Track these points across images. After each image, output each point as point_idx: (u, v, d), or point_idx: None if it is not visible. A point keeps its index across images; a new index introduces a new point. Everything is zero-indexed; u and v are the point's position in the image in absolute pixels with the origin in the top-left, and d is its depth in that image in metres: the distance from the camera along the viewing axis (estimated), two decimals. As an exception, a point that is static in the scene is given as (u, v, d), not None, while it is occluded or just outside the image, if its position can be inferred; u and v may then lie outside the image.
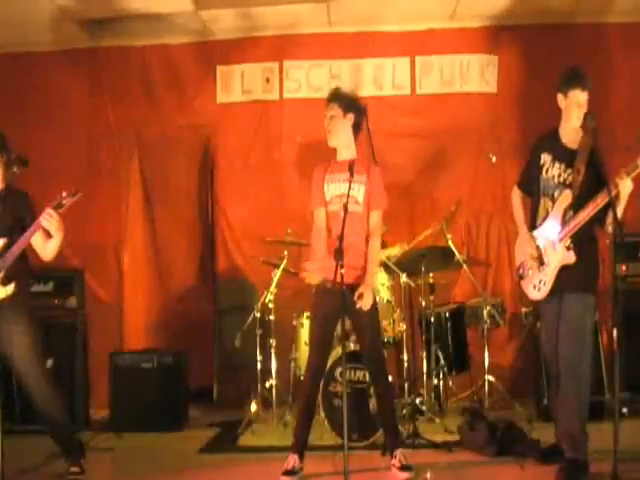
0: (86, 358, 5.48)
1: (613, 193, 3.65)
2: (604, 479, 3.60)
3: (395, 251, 5.28)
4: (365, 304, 4.01)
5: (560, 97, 3.92)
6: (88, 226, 6.16)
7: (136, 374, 5.33)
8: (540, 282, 3.99)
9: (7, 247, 3.92)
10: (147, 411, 5.24)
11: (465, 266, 5.34)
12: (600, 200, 3.74)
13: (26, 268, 4.11)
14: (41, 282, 5.37)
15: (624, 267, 5.25)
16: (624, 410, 4.90)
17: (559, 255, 3.88)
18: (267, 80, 6.36)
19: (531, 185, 4.11)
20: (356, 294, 4.01)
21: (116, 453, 4.78)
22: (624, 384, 4.88)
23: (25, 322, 4.01)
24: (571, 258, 3.85)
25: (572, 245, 3.85)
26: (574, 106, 3.88)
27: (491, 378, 5.34)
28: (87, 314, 5.55)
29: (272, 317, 5.36)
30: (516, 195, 4.25)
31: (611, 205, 3.63)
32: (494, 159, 5.43)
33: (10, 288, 3.93)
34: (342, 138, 4.19)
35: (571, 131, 3.95)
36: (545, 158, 4.00)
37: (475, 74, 6.21)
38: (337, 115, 4.17)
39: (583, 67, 3.97)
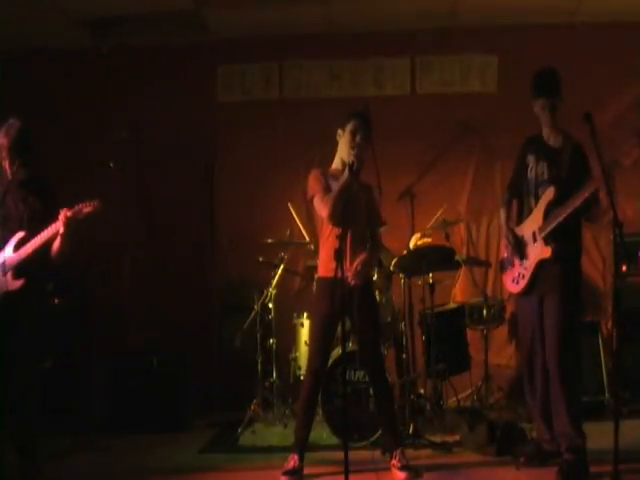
0: (86, 358, 5.48)
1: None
2: (604, 479, 3.61)
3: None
4: (355, 276, 4.04)
5: (533, 103, 4.04)
6: (88, 226, 6.14)
7: (136, 374, 5.33)
8: (519, 275, 4.05)
9: (24, 241, 3.94)
10: (147, 411, 5.24)
11: (465, 266, 5.34)
12: (578, 200, 3.78)
13: (42, 267, 4.10)
14: (41, 282, 5.36)
15: (624, 267, 5.26)
16: (624, 410, 4.90)
17: (537, 249, 3.93)
18: (267, 80, 6.36)
19: (519, 187, 4.17)
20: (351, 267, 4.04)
21: (116, 453, 4.78)
22: (624, 384, 4.88)
23: (33, 318, 4.02)
24: (547, 252, 3.88)
25: (551, 241, 3.88)
26: (540, 112, 4.01)
27: (491, 378, 5.34)
28: (87, 314, 5.54)
29: (272, 317, 5.36)
30: (505, 199, 4.32)
31: (608, 204, 3.63)
32: None
33: (17, 283, 3.93)
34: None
35: (551, 132, 4.02)
36: (530, 159, 4.09)
37: (475, 74, 6.22)
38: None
39: (550, 71, 4.02)
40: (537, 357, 4.04)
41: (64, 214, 3.87)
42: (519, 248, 4.07)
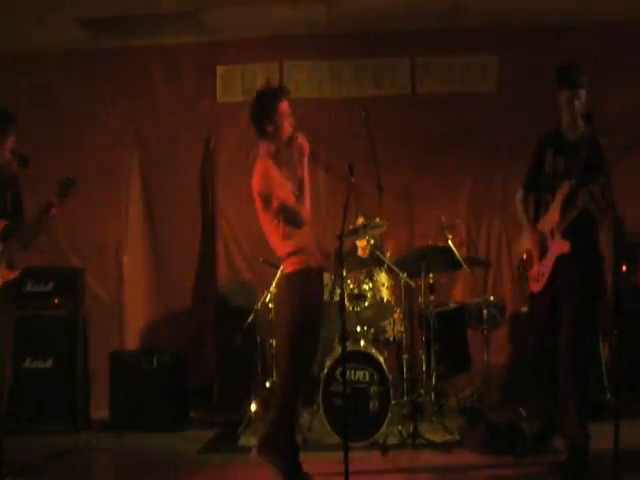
0: (86, 358, 5.48)
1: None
2: (604, 479, 3.61)
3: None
4: None
5: (557, 95, 4.01)
6: (88, 226, 6.16)
7: (136, 374, 5.33)
8: (539, 273, 4.04)
9: (8, 230, 3.94)
10: (147, 411, 5.24)
11: (465, 266, 5.34)
12: (573, 213, 3.83)
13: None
14: (41, 282, 5.37)
15: (624, 267, 5.26)
16: (624, 410, 4.89)
17: (556, 245, 3.93)
18: (267, 80, 6.35)
19: (536, 184, 4.14)
20: None
21: (116, 453, 4.78)
22: (624, 384, 4.88)
23: (14, 309, 4.03)
24: (565, 247, 3.88)
25: (568, 235, 3.89)
26: (564, 104, 3.98)
27: (491, 378, 5.34)
28: (87, 314, 5.55)
29: (272, 317, 5.36)
30: (519, 196, 4.29)
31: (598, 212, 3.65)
32: None
33: (13, 274, 3.95)
34: None
35: (571, 125, 4.00)
36: (548, 154, 4.05)
37: (475, 74, 6.22)
38: None
39: (574, 64, 4.02)
40: (547, 355, 4.04)
41: (53, 200, 3.93)
42: (542, 248, 4.06)
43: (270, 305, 5.33)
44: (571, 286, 3.91)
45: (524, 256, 4.21)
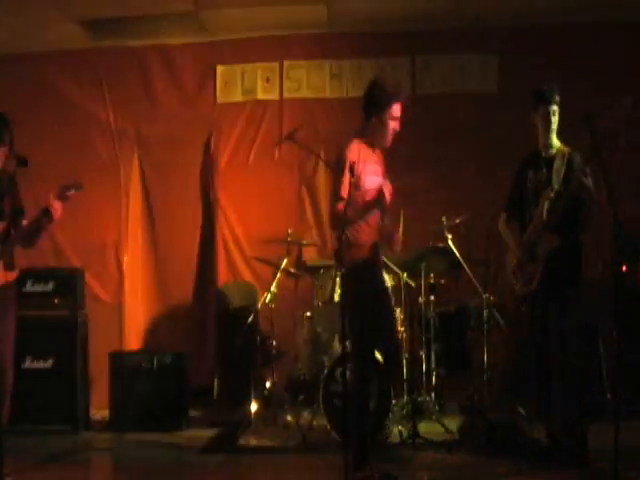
0: (86, 358, 5.48)
1: None
2: (604, 479, 3.61)
3: None
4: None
5: (533, 116, 4.10)
6: (88, 226, 6.16)
7: (136, 374, 5.33)
8: (530, 275, 4.08)
9: (7, 232, 3.94)
10: (147, 411, 5.24)
11: (465, 266, 5.34)
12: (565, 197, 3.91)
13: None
14: (41, 282, 5.37)
15: (624, 267, 5.26)
16: (624, 410, 4.89)
17: (545, 242, 3.97)
18: (267, 80, 6.36)
19: (518, 205, 4.20)
20: None
21: (116, 453, 4.78)
22: (624, 384, 4.88)
23: (15, 310, 4.03)
24: (555, 241, 3.93)
25: (556, 231, 3.92)
26: (539, 122, 4.08)
27: (491, 378, 5.33)
28: (87, 314, 5.55)
29: (272, 317, 5.36)
30: (502, 220, 4.33)
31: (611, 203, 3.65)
32: None
33: (12, 275, 3.95)
34: None
35: (547, 142, 4.06)
36: (529, 174, 4.14)
37: (475, 74, 6.22)
38: None
39: (548, 86, 4.11)
40: (542, 356, 4.05)
41: (53, 202, 3.88)
42: (528, 255, 4.09)
43: (271, 305, 5.32)
44: (556, 284, 3.95)
45: (514, 263, 4.23)
